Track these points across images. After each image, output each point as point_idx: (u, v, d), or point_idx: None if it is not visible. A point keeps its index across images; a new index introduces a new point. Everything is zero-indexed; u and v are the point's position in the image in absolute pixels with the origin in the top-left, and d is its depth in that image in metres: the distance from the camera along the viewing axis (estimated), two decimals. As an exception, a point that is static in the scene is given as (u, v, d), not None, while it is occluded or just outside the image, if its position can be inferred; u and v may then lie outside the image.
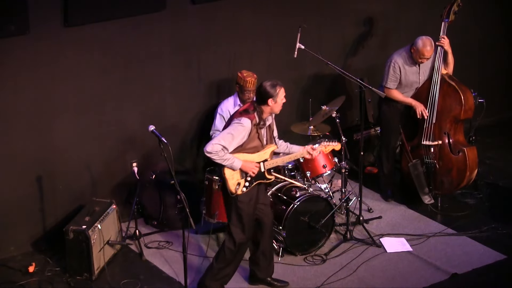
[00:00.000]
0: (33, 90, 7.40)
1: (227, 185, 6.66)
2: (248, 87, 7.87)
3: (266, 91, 6.56)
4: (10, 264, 7.47)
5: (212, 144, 6.51)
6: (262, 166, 6.76)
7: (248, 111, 6.61)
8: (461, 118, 8.06)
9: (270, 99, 6.56)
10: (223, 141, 6.52)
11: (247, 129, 6.56)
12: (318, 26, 8.81)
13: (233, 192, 6.68)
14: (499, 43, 10.23)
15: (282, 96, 6.62)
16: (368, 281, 7.19)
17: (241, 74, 7.91)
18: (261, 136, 6.69)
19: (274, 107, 6.61)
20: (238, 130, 6.55)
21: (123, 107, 7.95)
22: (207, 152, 6.51)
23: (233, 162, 6.58)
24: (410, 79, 8.12)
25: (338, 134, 7.99)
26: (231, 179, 6.66)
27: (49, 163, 7.63)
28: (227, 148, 6.54)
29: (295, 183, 7.84)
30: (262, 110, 6.61)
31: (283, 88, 6.62)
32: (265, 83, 6.60)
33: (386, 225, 8.07)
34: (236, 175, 6.66)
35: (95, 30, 7.55)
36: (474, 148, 8.18)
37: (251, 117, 6.57)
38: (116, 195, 7.96)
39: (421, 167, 8.20)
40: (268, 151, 6.78)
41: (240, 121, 6.55)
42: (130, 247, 7.70)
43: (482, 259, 7.46)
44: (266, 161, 6.78)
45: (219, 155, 6.52)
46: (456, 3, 8.07)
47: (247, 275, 7.22)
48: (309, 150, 6.90)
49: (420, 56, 7.94)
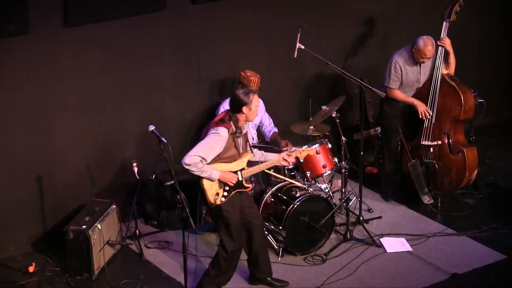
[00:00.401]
0: (33, 90, 7.40)
1: (206, 196, 6.66)
2: (252, 87, 7.87)
3: (240, 99, 6.56)
4: (10, 264, 7.47)
5: (190, 156, 6.49)
6: (239, 175, 6.76)
7: (224, 120, 6.60)
8: (461, 118, 8.06)
9: (244, 107, 6.56)
10: (201, 152, 6.50)
11: (224, 138, 6.55)
12: (318, 26, 8.81)
13: (212, 203, 6.68)
14: (499, 43, 10.23)
15: (256, 103, 6.63)
16: (368, 281, 7.19)
17: (245, 73, 7.92)
18: (238, 144, 6.69)
19: (249, 114, 6.61)
20: (215, 140, 6.54)
21: (123, 107, 7.95)
22: (185, 164, 6.48)
23: (212, 173, 6.58)
24: (411, 78, 8.12)
25: (338, 134, 8.00)
26: (210, 190, 6.65)
27: (49, 163, 7.63)
28: (205, 159, 6.53)
29: (295, 183, 7.84)
30: (237, 118, 6.61)
31: (256, 95, 6.64)
32: (238, 91, 6.63)
33: (386, 225, 8.07)
34: (215, 185, 6.66)
35: (95, 30, 7.55)
36: (474, 149, 8.18)
37: (227, 126, 6.57)
38: (116, 195, 7.96)
39: (421, 167, 8.20)
40: (245, 160, 6.78)
41: (217, 131, 6.54)
42: (130, 247, 7.70)
43: (482, 259, 7.46)
44: (243, 169, 6.78)
45: (198, 167, 6.50)
46: (458, 3, 8.06)
47: (247, 275, 7.22)
48: (285, 157, 6.92)
49: (421, 55, 7.94)
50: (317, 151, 7.87)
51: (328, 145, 7.99)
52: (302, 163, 7.89)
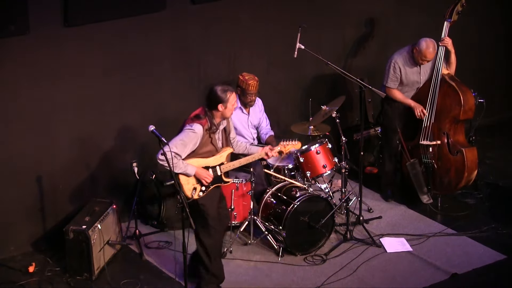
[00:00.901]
0: (33, 90, 7.40)
1: (183, 190, 6.64)
2: (251, 90, 7.88)
3: (217, 96, 6.55)
4: (10, 264, 7.46)
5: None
6: (218, 169, 6.75)
7: (200, 116, 6.59)
8: (461, 118, 8.05)
9: (220, 104, 6.55)
10: (175, 148, 6.48)
11: (198, 135, 6.54)
12: (318, 26, 8.81)
13: (190, 197, 6.67)
14: (499, 43, 10.23)
15: (233, 102, 6.60)
16: (368, 281, 7.19)
17: (243, 77, 7.91)
18: (215, 140, 6.67)
19: (224, 112, 6.60)
20: (189, 137, 6.53)
21: (123, 107, 7.95)
22: (159, 160, 6.47)
23: (186, 169, 6.57)
24: (411, 79, 8.13)
25: (338, 134, 8.00)
26: (187, 184, 6.64)
27: (49, 163, 7.63)
28: (179, 154, 6.52)
29: (295, 183, 7.84)
30: (213, 114, 6.60)
31: (234, 93, 6.61)
32: (216, 87, 6.59)
33: (386, 225, 8.07)
34: (192, 180, 6.65)
35: (95, 30, 7.55)
36: (474, 149, 8.17)
37: (202, 123, 6.55)
38: (116, 195, 7.96)
39: (419, 167, 8.20)
40: (224, 154, 6.77)
41: (191, 127, 6.53)
42: (130, 247, 7.70)
43: (482, 259, 7.46)
44: (222, 164, 6.77)
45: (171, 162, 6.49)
46: (460, 3, 8.06)
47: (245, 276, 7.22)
48: (267, 151, 6.92)
49: (422, 57, 7.95)
50: (317, 151, 7.87)
51: (328, 145, 8.00)
52: (302, 163, 7.90)
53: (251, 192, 7.60)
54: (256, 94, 7.99)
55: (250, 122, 8.13)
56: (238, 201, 7.70)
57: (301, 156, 7.90)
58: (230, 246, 7.60)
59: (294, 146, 7.13)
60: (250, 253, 7.61)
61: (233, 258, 7.52)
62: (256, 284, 7.18)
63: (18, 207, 7.56)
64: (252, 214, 7.63)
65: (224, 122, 6.76)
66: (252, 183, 7.59)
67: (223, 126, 6.76)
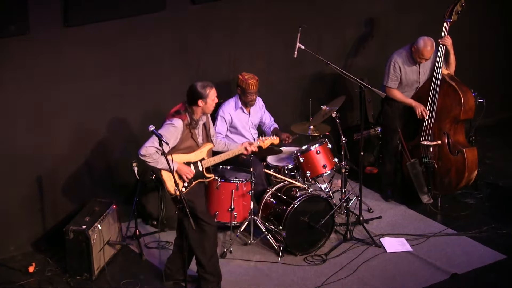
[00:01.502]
0: (33, 90, 7.40)
1: (166, 187, 6.65)
2: (251, 90, 7.88)
3: (197, 91, 6.58)
4: (10, 264, 7.46)
5: (145, 147, 6.50)
6: (199, 165, 6.77)
7: (180, 111, 6.63)
8: (461, 118, 8.05)
9: (200, 100, 6.57)
10: (156, 143, 6.48)
11: (179, 129, 6.57)
12: (318, 26, 8.81)
13: (172, 193, 6.67)
14: (499, 43, 10.23)
15: (213, 97, 6.62)
16: (368, 281, 7.19)
17: (242, 76, 7.91)
18: (195, 135, 6.70)
19: (204, 107, 6.62)
20: (170, 131, 6.55)
21: (123, 107, 7.95)
22: (141, 155, 6.50)
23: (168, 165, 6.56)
24: (410, 78, 8.13)
25: (338, 134, 8.00)
26: (169, 180, 6.63)
27: (49, 163, 7.63)
28: (160, 149, 6.50)
29: (295, 183, 7.84)
30: (193, 110, 6.63)
31: (214, 89, 6.63)
32: (196, 83, 6.62)
33: (386, 225, 8.07)
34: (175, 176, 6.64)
35: (95, 30, 7.55)
36: (474, 149, 8.17)
37: (182, 118, 6.59)
38: (116, 195, 7.96)
39: (420, 167, 8.20)
40: (204, 150, 6.80)
41: (171, 122, 6.56)
42: (130, 247, 7.70)
43: (482, 259, 7.46)
44: (203, 159, 6.79)
45: (153, 158, 6.51)
46: (460, 3, 8.06)
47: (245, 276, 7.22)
48: (246, 146, 6.97)
49: (419, 56, 7.95)
50: (317, 151, 7.88)
51: (328, 145, 8.00)
52: (302, 163, 7.90)
53: (251, 192, 7.60)
54: (256, 93, 7.99)
55: (251, 121, 8.14)
56: (238, 201, 7.70)
57: (301, 156, 7.90)
58: (230, 246, 7.60)
59: (272, 140, 7.17)
60: (250, 253, 7.61)
61: (233, 258, 7.52)
62: (256, 284, 7.18)
63: (18, 207, 7.56)
64: (252, 214, 7.63)
65: (204, 117, 6.79)
66: (252, 183, 7.59)
67: (203, 121, 6.79)
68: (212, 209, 7.73)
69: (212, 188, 7.71)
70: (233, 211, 7.67)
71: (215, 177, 7.68)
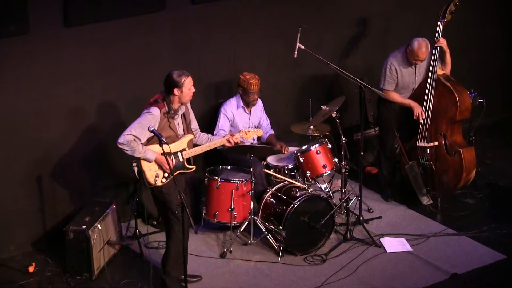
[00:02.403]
0: (33, 90, 7.40)
1: (145, 177, 6.67)
2: (253, 89, 7.90)
3: (172, 79, 6.61)
4: (10, 264, 7.47)
5: (123, 135, 6.53)
6: (180, 155, 6.77)
7: (158, 100, 6.67)
8: (457, 119, 8.04)
9: (175, 89, 6.60)
10: (133, 131, 6.53)
11: (156, 117, 6.58)
12: (318, 26, 8.81)
13: (152, 183, 6.67)
14: (499, 43, 10.23)
15: (189, 86, 6.64)
16: (368, 281, 7.19)
17: (244, 76, 7.92)
18: (174, 125, 6.71)
19: (181, 96, 6.64)
20: (147, 119, 6.57)
21: (123, 107, 7.94)
22: (119, 144, 6.54)
23: (146, 154, 6.60)
24: (406, 80, 8.12)
25: (338, 134, 8.00)
26: (149, 171, 6.66)
27: (49, 163, 7.63)
28: (138, 138, 6.55)
29: (295, 183, 7.84)
30: (170, 99, 6.65)
31: (190, 77, 6.65)
32: (173, 71, 6.66)
33: (386, 225, 8.07)
34: (154, 166, 6.68)
35: (95, 30, 7.55)
36: (472, 149, 8.16)
37: (160, 106, 6.63)
38: (116, 195, 7.96)
39: (418, 169, 8.19)
40: (184, 141, 6.79)
41: (149, 110, 6.60)
42: (130, 247, 7.70)
43: (482, 259, 7.46)
44: (184, 150, 6.79)
45: (131, 146, 6.52)
46: (453, 3, 8.05)
47: (245, 276, 7.22)
48: (228, 138, 6.98)
49: (414, 57, 7.95)
50: (317, 151, 7.88)
51: (328, 145, 8.00)
52: (302, 163, 7.90)
53: (251, 192, 7.60)
54: (258, 93, 8.01)
55: (251, 122, 8.14)
56: (238, 201, 7.70)
57: (301, 156, 7.91)
58: (230, 246, 7.60)
59: (256, 132, 7.18)
60: (250, 253, 7.61)
61: (233, 258, 7.52)
62: (256, 284, 7.18)
63: (19, 207, 7.56)
64: (252, 214, 7.63)
65: (183, 108, 6.79)
66: (252, 183, 7.59)
67: (182, 111, 6.79)
68: (212, 209, 7.73)
69: (212, 188, 7.71)
70: (233, 211, 7.67)
71: (215, 177, 7.69)
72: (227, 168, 7.94)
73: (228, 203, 7.67)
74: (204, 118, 8.39)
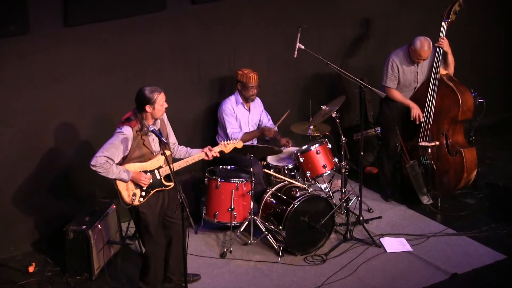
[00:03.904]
0: (33, 90, 7.41)
1: (121, 196, 6.54)
2: (252, 83, 7.92)
3: (144, 96, 6.41)
4: (10, 264, 7.47)
5: (96, 157, 6.38)
6: (157, 173, 6.61)
7: (130, 118, 6.48)
8: (459, 119, 8.04)
9: (147, 105, 6.41)
10: (106, 152, 6.38)
11: (128, 136, 6.41)
12: (318, 26, 8.81)
13: (129, 203, 6.56)
14: (499, 43, 10.24)
15: (161, 102, 6.44)
16: (368, 281, 7.19)
17: (242, 71, 7.95)
18: (148, 143, 6.53)
19: (153, 113, 6.45)
20: (119, 139, 6.41)
21: (123, 107, 7.89)
22: (92, 166, 6.39)
23: (120, 175, 6.45)
24: (408, 78, 8.12)
25: (338, 134, 8.00)
26: (124, 190, 6.54)
27: (48, 163, 7.63)
28: (111, 159, 6.40)
29: (295, 183, 7.84)
30: (142, 116, 6.47)
31: (162, 94, 6.45)
32: (145, 88, 6.45)
33: (386, 225, 8.07)
34: (131, 185, 6.54)
35: (95, 30, 7.56)
36: (473, 149, 8.16)
37: (132, 124, 6.44)
38: (116, 195, 7.93)
39: (419, 168, 8.19)
40: (161, 158, 6.57)
41: (120, 130, 6.42)
42: (130, 247, 7.70)
43: (482, 259, 7.46)
44: (161, 167, 6.62)
45: (104, 168, 6.38)
46: (458, 3, 8.05)
47: (245, 276, 7.22)
48: (206, 151, 6.77)
49: (417, 56, 7.95)
50: (317, 151, 7.88)
51: (328, 145, 8.00)
52: (302, 163, 7.90)
53: (251, 192, 7.60)
54: (257, 87, 8.02)
55: (250, 119, 8.15)
56: (238, 201, 7.70)
57: (301, 156, 7.91)
58: (230, 246, 7.60)
59: (235, 144, 6.94)
60: (250, 253, 7.61)
61: (233, 258, 7.52)
62: (256, 284, 7.18)
63: (18, 207, 7.56)
64: (252, 214, 7.63)
65: (158, 123, 6.60)
66: (252, 183, 7.59)
67: (158, 127, 6.56)
68: (212, 209, 7.74)
69: (212, 188, 7.71)
70: (233, 211, 7.67)
71: (215, 177, 7.69)
72: (227, 168, 7.94)
73: (228, 203, 7.67)
74: (204, 118, 8.40)
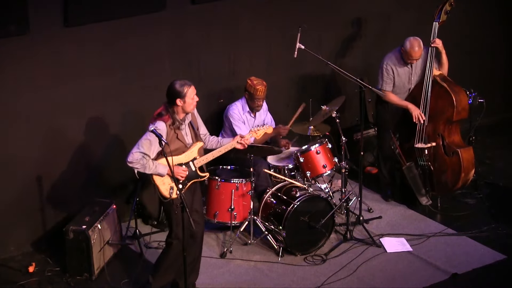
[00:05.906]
0: (33, 90, 7.41)
1: (159, 191, 6.58)
2: (259, 95, 7.90)
3: (175, 90, 6.49)
4: (10, 264, 7.47)
5: (132, 154, 6.43)
6: (192, 165, 6.69)
7: (161, 113, 6.55)
8: (454, 119, 8.02)
9: (178, 99, 6.48)
10: (142, 148, 6.43)
11: (163, 131, 6.46)
12: (318, 26, 8.81)
13: (167, 197, 6.59)
14: (498, 43, 10.23)
15: (191, 96, 6.52)
16: (368, 281, 7.19)
17: (251, 81, 7.91)
18: (181, 136, 6.61)
19: (184, 106, 6.52)
20: (153, 134, 6.44)
21: (123, 107, 7.95)
22: (128, 163, 6.43)
23: (157, 169, 6.49)
24: (402, 80, 8.11)
25: (338, 134, 8.00)
26: (162, 185, 6.57)
27: (49, 163, 7.63)
28: (147, 154, 6.45)
29: (295, 183, 7.85)
30: (174, 110, 6.54)
31: (192, 87, 6.53)
32: (175, 82, 6.53)
33: (386, 225, 8.07)
34: (167, 179, 6.57)
35: (95, 30, 7.56)
36: (470, 149, 8.15)
37: (165, 119, 6.51)
38: (116, 195, 7.96)
39: (416, 170, 8.19)
40: (195, 149, 6.69)
41: (154, 125, 6.47)
42: (130, 247, 7.70)
43: (482, 259, 7.46)
44: (195, 159, 6.71)
45: (141, 163, 6.43)
46: (448, 3, 8.03)
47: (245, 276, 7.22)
48: (239, 140, 6.83)
49: (409, 57, 7.95)
50: (317, 151, 7.88)
51: (328, 145, 8.00)
52: (302, 163, 7.90)
53: (251, 192, 7.61)
54: (263, 99, 8.01)
55: (255, 124, 8.14)
56: (238, 201, 7.70)
57: (301, 156, 7.91)
58: (230, 246, 7.60)
59: (265, 130, 6.98)
60: (250, 253, 7.61)
61: (233, 258, 7.52)
62: (256, 284, 7.18)
63: (18, 207, 7.56)
64: (252, 214, 7.63)
65: (189, 116, 6.69)
66: (252, 183, 7.59)
67: (188, 120, 6.68)
68: (212, 209, 7.74)
69: (212, 188, 7.71)
70: (233, 211, 7.67)
71: (215, 177, 7.69)
72: (227, 168, 7.94)
73: (228, 203, 7.67)
74: (204, 118, 8.35)
